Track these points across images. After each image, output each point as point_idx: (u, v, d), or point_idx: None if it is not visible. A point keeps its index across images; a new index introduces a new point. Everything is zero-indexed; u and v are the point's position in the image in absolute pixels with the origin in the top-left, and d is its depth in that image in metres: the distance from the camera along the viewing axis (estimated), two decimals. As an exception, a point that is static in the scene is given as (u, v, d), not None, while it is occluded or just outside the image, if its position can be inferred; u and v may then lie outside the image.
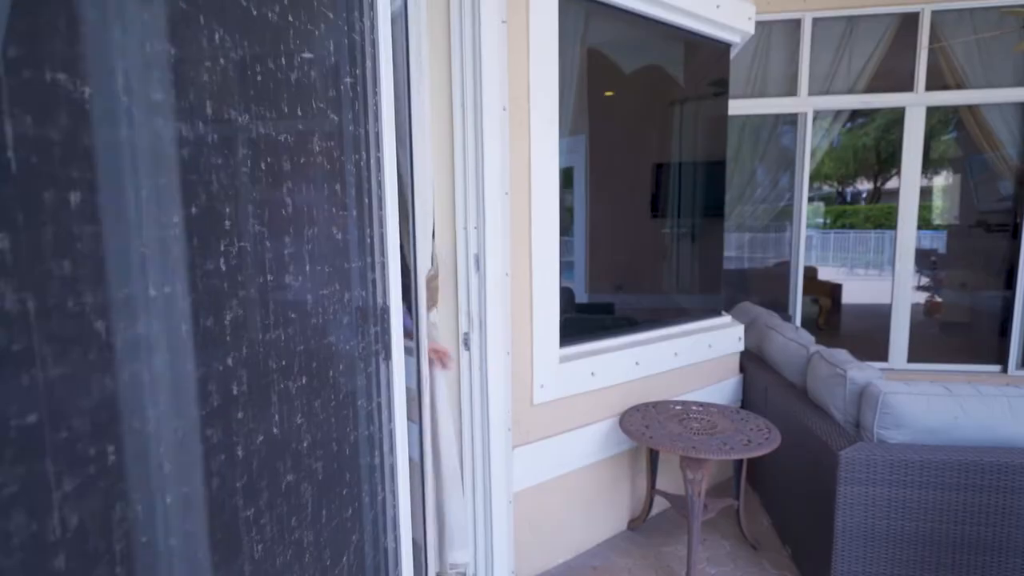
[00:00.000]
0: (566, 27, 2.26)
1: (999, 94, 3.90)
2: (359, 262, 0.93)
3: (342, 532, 0.85)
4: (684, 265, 3.25)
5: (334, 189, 0.82)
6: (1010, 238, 4.16)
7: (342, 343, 0.86)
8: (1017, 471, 1.82)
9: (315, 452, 0.76)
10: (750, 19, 2.79)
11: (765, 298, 4.62)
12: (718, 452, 2.08)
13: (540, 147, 2.09)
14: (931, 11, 3.85)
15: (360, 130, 0.94)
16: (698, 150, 3.11)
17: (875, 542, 1.93)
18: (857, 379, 2.16)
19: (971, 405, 1.97)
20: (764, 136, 4.36)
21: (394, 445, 1.08)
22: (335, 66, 0.81)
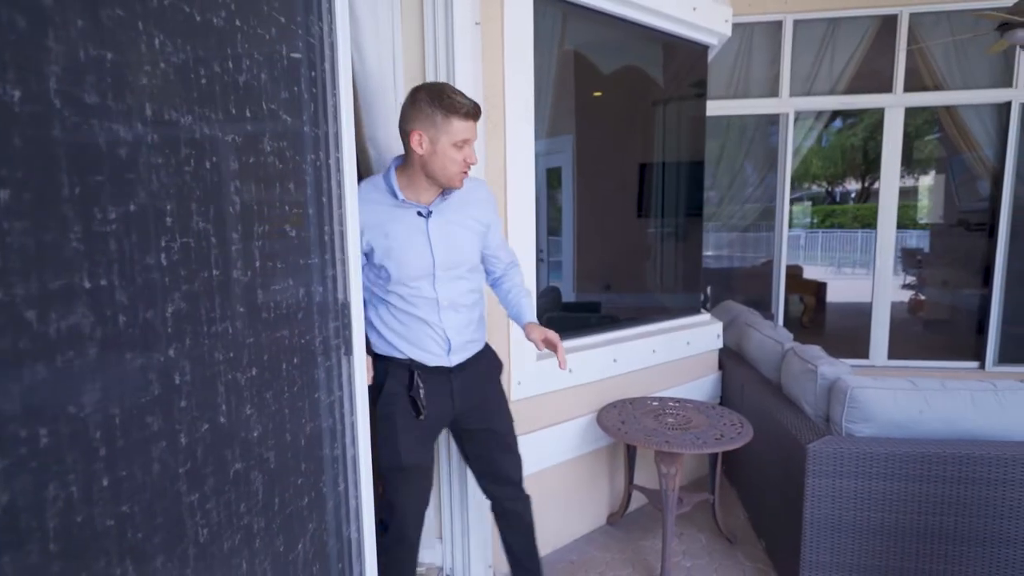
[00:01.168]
0: (543, 28, 2.29)
1: (975, 95, 3.97)
2: (317, 259, 0.96)
3: (297, 520, 0.88)
4: (663, 264, 3.29)
5: (287, 188, 0.85)
6: (987, 237, 4.23)
7: (298, 337, 0.88)
8: (978, 462, 1.87)
9: (267, 442, 0.79)
10: (727, 21, 2.84)
11: (750, 297, 4.67)
12: (691, 447, 2.12)
13: (516, 147, 2.12)
14: (909, 13, 3.92)
15: (318, 131, 0.96)
16: (676, 151, 3.15)
17: (842, 533, 1.97)
18: (827, 374, 2.21)
19: (936, 399, 2.02)
20: (748, 136, 4.42)
21: (356, 438, 1.10)
22: (288, 69, 0.84)
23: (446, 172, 1.39)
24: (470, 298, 1.55)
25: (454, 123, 1.34)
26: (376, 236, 1.43)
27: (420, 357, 1.50)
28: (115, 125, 0.52)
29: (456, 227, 1.49)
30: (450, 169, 1.39)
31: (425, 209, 1.45)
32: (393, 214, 1.43)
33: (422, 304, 1.48)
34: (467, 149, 1.38)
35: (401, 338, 1.50)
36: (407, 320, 1.48)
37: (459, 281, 1.51)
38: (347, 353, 1.07)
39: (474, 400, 1.60)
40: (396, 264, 1.43)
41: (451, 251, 1.48)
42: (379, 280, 1.49)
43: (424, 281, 1.46)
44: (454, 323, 1.51)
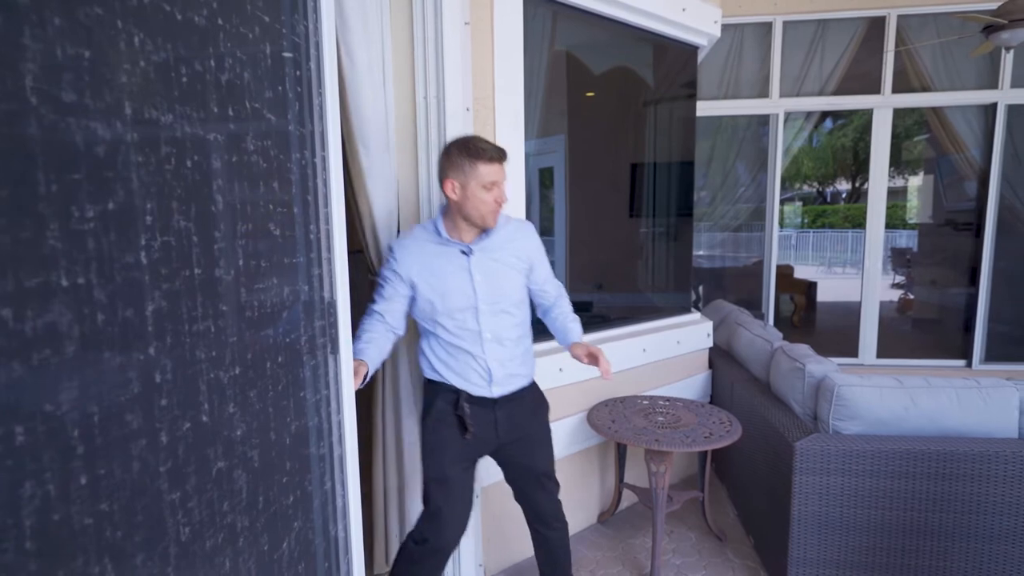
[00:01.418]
0: (533, 29, 2.30)
1: (961, 96, 4.01)
2: (303, 258, 0.96)
3: (282, 518, 0.88)
4: (654, 264, 3.30)
5: (272, 186, 0.85)
6: (974, 237, 4.28)
7: (282, 336, 0.88)
8: (961, 459, 1.89)
9: (250, 440, 0.79)
10: (716, 22, 2.85)
11: (741, 296, 4.70)
12: (680, 445, 2.13)
13: (506, 147, 2.11)
14: (897, 15, 3.96)
15: (303, 130, 0.96)
16: (667, 151, 3.16)
17: (829, 529, 1.99)
18: (815, 372, 2.23)
19: (921, 397, 2.04)
20: (739, 137, 4.44)
21: (343, 436, 1.10)
22: (272, 68, 0.84)
23: (479, 212, 1.51)
24: (515, 332, 1.62)
25: (480, 167, 1.47)
26: (422, 272, 1.56)
27: (464, 386, 1.60)
28: (93, 123, 0.52)
29: (499, 264, 1.59)
30: (482, 209, 1.50)
31: (467, 248, 1.57)
32: (438, 251, 1.56)
33: (467, 336, 1.57)
34: (496, 190, 1.50)
35: (447, 367, 1.60)
36: (453, 351, 1.59)
37: (503, 316, 1.59)
38: (333, 352, 1.07)
39: (517, 433, 1.67)
40: (440, 298, 1.55)
41: (493, 287, 1.57)
42: (426, 313, 1.59)
43: (468, 314, 1.56)
44: (498, 356, 1.59)
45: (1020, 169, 4.07)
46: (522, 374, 1.66)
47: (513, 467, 1.73)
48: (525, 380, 1.68)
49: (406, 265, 1.56)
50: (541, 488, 1.76)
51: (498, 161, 1.49)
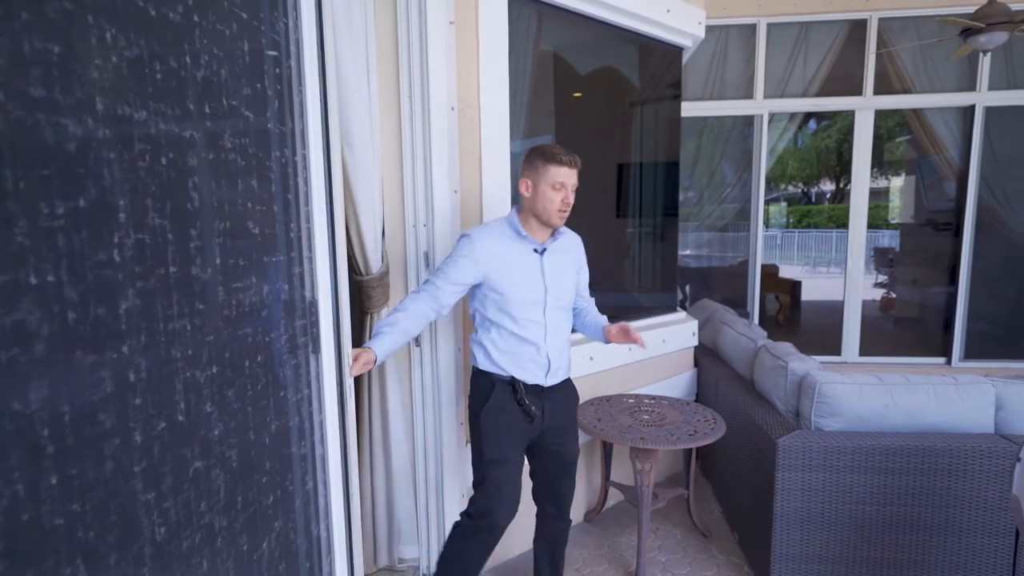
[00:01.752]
0: (518, 29, 2.30)
1: (941, 98, 4.08)
2: (283, 256, 0.95)
3: (262, 518, 0.87)
4: (641, 263, 3.32)
5: (251, 184, 0.84)
6: (954, 237, 4.35)
7: (261, 335, 0.88)
8: (939, 454, 1.92)
9: (228, 440, 0.78)
10: (700, 24, 2.88)
11: (727, 295, 4.74)
12: (665, 442, 2.15)
13: (491, 146, 2.13)
14: (878, 18, 4.01)
15: (284, 128, 0.96)
16: (653, 152, 3.18)
17: (811, 525, 2.02)
18: (797, 370, 2.25)
19: (900, 393, 2.08)
20: (725, 137, 4.48)
21: (324, 436, 1.10)
22: (250, 65, 0.84)
23: (547, 210, 1.63)
24: (568, 328, 1.80)
25: (551, 169, 1.60)
26: (497, 263, 1.66)
27: (521, 376, 1.71)
28: (63, 119, 0.52)
29: (563, 266, 1.75)
30: (549, 207, 1.63)
31: (540, 247, 1.70)
32: (513, 247, 1.68)
33: (533, 328, 1.69)
34: (563, 192, 1.62)
35: (507, 358, 1.70)
36: (516, 343, 1.69)
37: (562, 312, 1.75)
38: (315, 351, 1.06)
39: (557, 421, 1.79)
40: (513, 289, 1.66)
41: (558, 285, 1.72)
42: (494, 303, 1.69)
43: (536, 308, 1.69)
44: (556, 348, 1.73)
45: (997, 170, 4.14)
46: (567, 367, 1.82)
47: (548, 454, 1.82)
48: (568, 373, 1.83)
49: (482, 254, 1.65)
50: (567, 476, 1.87)
51: (567, 166, 1.60)
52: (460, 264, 1.64)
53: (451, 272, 1.64)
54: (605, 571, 2.35)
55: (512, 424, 1.72)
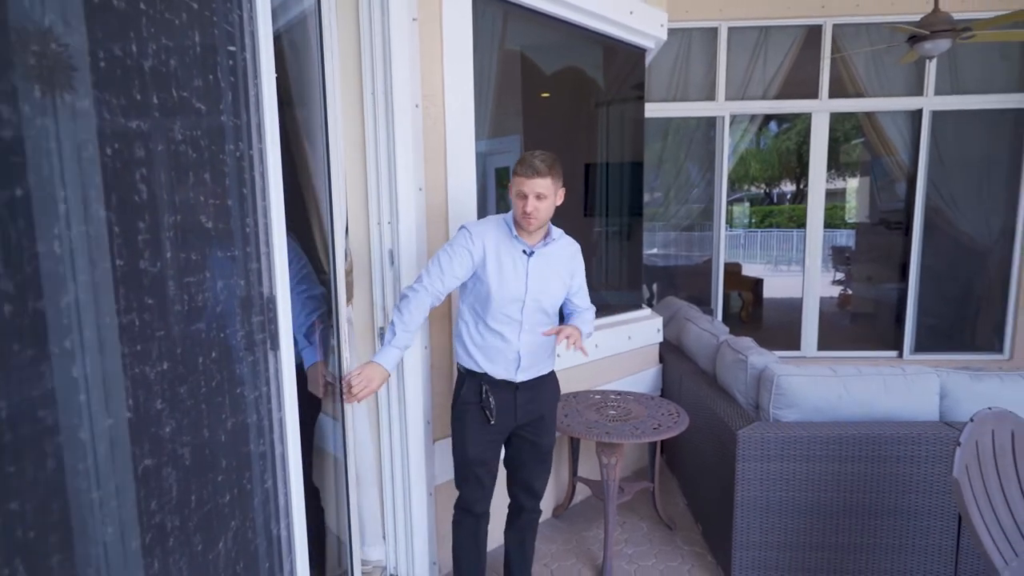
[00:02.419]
0: (483, 27, 2.30)
1: (891, 102, 4.25)
2: (238, 251, 0.94)
3: (218, 518, 0.86)
4: (608, 262, 3.36)
5: (203, 178, 0.83)
6: (904, 235, 4.54)
7: (216, 331, 0.86)
8: (888, 442, 2.01)
9: (181, 438, 0.77)
10: (662, 26, 2.93)
11: (692, 293, 4.83)
12: (629, 436, 2.18)
13: (456, 144, 2.13)
14: (832, 24, 4.16)
15: (239, 121, 0.94)
16: (618, 152, 3.23)
17: (770, 513, 2.08)
18: (756, 364, 2.32)
19: (853, 384, 2.16)
20: (688, 138, 4.57)
21: (284, 434, 1.09)
22: (202, 56, 0.82)
23: (516, 214, 1.72)
24: (546, 328, 1.82)
25: (514, 178, 1.70)
26: (491, 257, 1.74)
27: (490, 370, 1.77)
28: (-3, 106, 0.50)
29: (550, 271, 1.80)
30: (516, 214, 1.72)
31: (529, 249, 1.77)
32: (506, 244, 1.76)
33: (508, 324, 1.76)
34: (524, 201, 1.68)
35: (479, 350, 1.78)
36: (490, 336, 1.76)
37: (541, 314, 1.80)
38: (273, 348, 1.05)
39: (534, 415, 1.86)
40: (498, 282, 1.73)
41: (540, 288, 1.78)
42: (480, 295, 1.76)
43: (515, 305, 1.75)
44: (529, 345, 1.78)
45: (943, 172, 4.34)
46: (546, 363, 1.87)
47: (524, 445, 1.88)
48: (547, 369, 1.89)
49: (481, 245, 1.73)
50: (542, 463, 1.94)
51: (524, 175, 1.66)
52: (459, 255, 1.72)
53: (453, 262, 1.72)
54: (573, 565, 2.37)
55: (477, 425, 1.79)
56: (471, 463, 1.81)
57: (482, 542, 1.93)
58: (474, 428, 1.79)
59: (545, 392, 1.89)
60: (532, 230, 1.74)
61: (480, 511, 1.88)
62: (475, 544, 1.92)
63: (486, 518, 1.92)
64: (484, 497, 1.87)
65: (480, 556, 1.94)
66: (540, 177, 1.67)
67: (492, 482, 1.89)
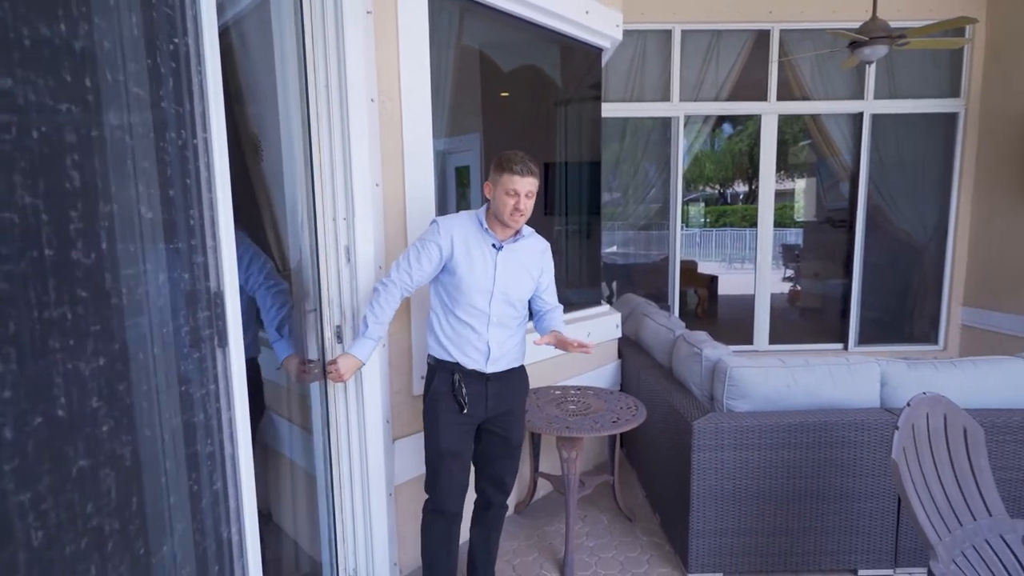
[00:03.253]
0: (440, 23, 2.29)
1: (834, 105, 4.44)
2: (182, 244, 0.90)
3: (161, 521, 0.82)
4: (568, 259, 3.39)
5: (141, 167, 0.79)
6: (848, 233, 4.75)
7: (158, 326, 0.83)
8: (834, 428, 2.10)
9: (120, 437, 0.73)
10: (618, 26, 2.98)
11: (650, 290, 4.93)
12: (589, 430, 2.21)
13: (414, 139, 2.11)
14: (780, 29, 4.32)
15: (181, 109, 0.91)
16: (577, 151, 3.26)
17: (724, 500, 2.14)
18: (711, 357, 2.38)
19: (801, 375, 2.25)
20: (645, 139, 4.65)
21: (234, 434, 1.05)
22: (139, 39, 0.79)
23: (501, 213, 1.75)
24: (514, 322, 1.87)
25: (504, 176, 1.72)
26: (461, 249, 1.78)
27: (462, 360, 1.81)
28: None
29: (519, 266, 1.85)
30: (503, 211, 1.74)
31: (499, 243, 1.81)
32: (477, 238, 1.80)
33: (477, 316, 1.80)
34: (516, 198, 1.73)
35: (450, 341, 1.81)
36: (460, 328, 1.80)
37: (508, 306, 1.84)
38: (221, 345, 1.01)
39: (504, 407, 1.89)
40: (467, 274, 1.77)
41: (509, 281, 1.82)
42: (451, 287, 1.80)
43: (483, 297, 1.79)
44: (498, 337, 1.82)
45: (883, 172, 4.57)
46: (515, 357, 1.90)
47: (494, 439, 1.91)
48: (516, 362, 1.91)
49: (449, 239, 1.77)
50: (511, 457, 1.97)
51: (519, 174, 1.71)
52: (427, 249, 1.77)
53: (421, 257, 1.77)
54: (535, 560, 2.38)
55: (450, 415, 1.81)
56: (444, 454, 1.81)
57: (454, 545, 1.92)
58: (447, 418, 1.81)
59: (515, 385, 1.92)
60: (518, 227, 1.80)
61: (453, 511, 1.87)
62: (447, 547, 1.90)
63: (459, 519, 1.91)
64: (458, 494, 1.87)
65: (452, 560, 1.92)
66: (532, 176, 1.74)
67: (466, 478, 1.89)
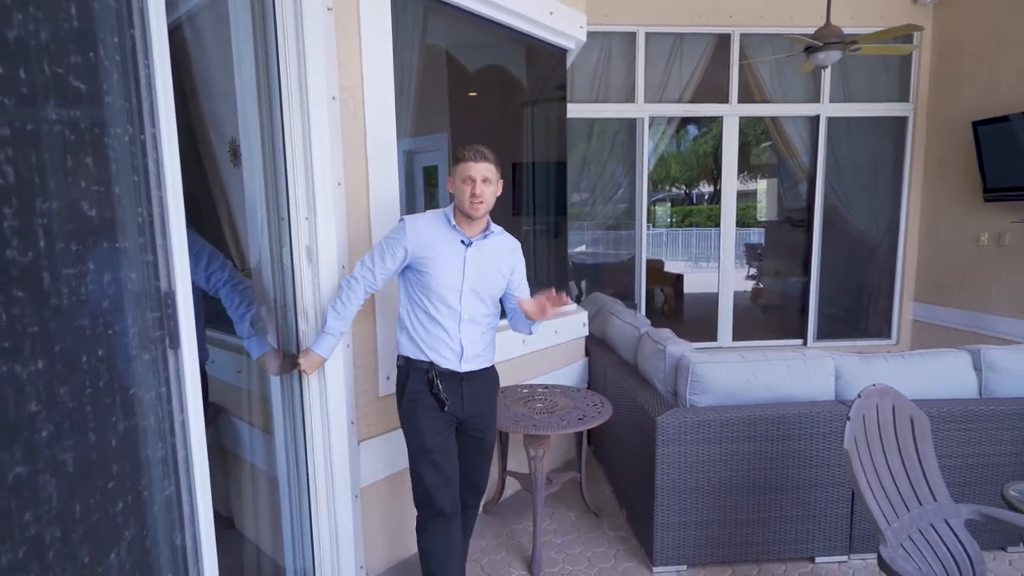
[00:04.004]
0: (404, 21, 2.28)
1: (792, 108, 4.58)
2: (129, 243, 0.88)
3: (107, 528, 0.80)
4: (536, 259, 3.41)
5: (83, 162, 0.77)
6: (806, 232, 4.90)
7: (102, 327, 0.80)
8: (791, 421, 2.16)
9: (61, 442, 0.71)
10: (582, 27, 3.01)
11: (618, 289, 4.99)
12: (556, 427, 2.23)
13: (377, 138, 2.09)
14: (740, 33, 4.43)
15: (128, 104, 0.88)
16: (544, 151, 3.28)
17: (687, 493, 2.19)
18: (674, 353, 2.43)
19: (760, 369, 2.31)
20: (612, 139, 4.71)
21: (188, 437, 1.03)
22: (80, 31, 0.76)
23: (462, 202, 1.75)
24: (486, 320, 1.86)
25: (459, 165, 1.75)
26: (428, 248, 1.77)
27: (436, 359, 1.79)
28: None
29: (487, 263, 1.84)
30: (463, 199, 1.74)
31: (468, 240, 1.80)
32: (445, 235, 1.80)
33: (448, 314, 1.79)
34: (472, 184, 1.72)
35: (423, 341, 1.79)
36: (431, 327, 1.79)
37: (479, 303, 1.83)
38: (173, 346, 0.99)
39: (479, 407, 1.88)
40: (437, 272, 1.77)
41: (479, 278, 1.81)
42: (421, 286, 1.79)
43: (453, 295, 1.78)
44: (470, 335, 1.81)
45: (839, 173, 4.73)
46: (487, 356, 1.89)
47: (469, 440, 1.90)
48: (488, 362, 1.90)
49: (415, 238, 1.76)
50: (485, 459, 1.97)
51: (471, 160, 1.72)
52: (392, 248, 1.78)
53: (385, 255, 1.78)
54: (503, 559, 2.39)
55: (430, 413, 1.79)
56: (432, 451, 1.78)
57: (456, 545, 1.83)
58: (428, 416, 1.79)
59: (487, 385, 1.91)
60: (479, 216, 1.77)
61: (451, 510, 1.80)
62: (448, 549, 1.81)
63: (457, 519, 1.83)
64: (452, 490, 1.81)
65: (457, 562, 1.84)
66: (487, 161, 1.74)
67: (456, 473, 1.84)
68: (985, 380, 2.36)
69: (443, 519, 1.80)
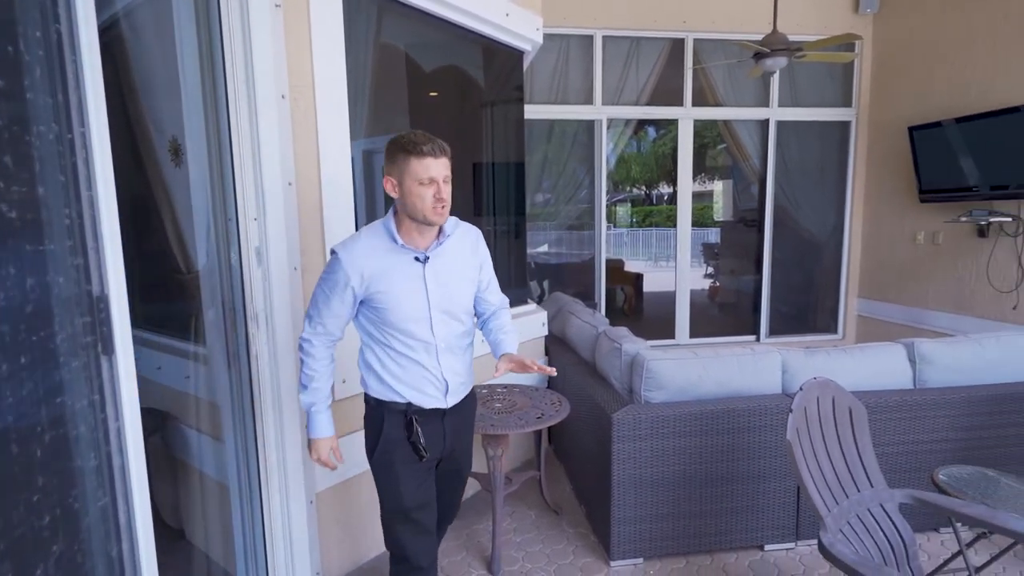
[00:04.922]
0: (358, 20, 2.25)
1: (744, 112, 4.73)
2: (55, 245, 0.84)
3: (33, 542, 0.77)
4: (495, 259, 3.42)
5: (2, 162, 0.74)
6: (758, 232, 5.07)
7: (25, 334, 0.77)
8: (740, 414, 2.24)
9: (-22, 454, 0.68)
10: (538, 30, 3.04)
11: (579, 289, 5.05)
12: (514, 426, 2.24)
13: (329, 136, 2.06)
14: (693, 38, 4.55)
15: (53, 100, 0.85)
16: (503, 152, 3.30)
17: (643, 487, 2.24)
18: (630, 351, 2.48)
19: (711, 365, 2.38)
20: (571, 141, 4.76)
21: (124, 445, 0.99)
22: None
23: (420, 210, 1.43)
24: (464, 340, 1.61)
25: (412, 162, 1.40)
26: (374, 279, 1.46)
27: (418, 400, 1.54)
28: None
29: (452, 272, 1.55)
30: (421, 206, 1.42)
31: (423, 255, 1.50)
32: (391, 257, 1.48)
33: (420, 348, 1.52)
34: (434, 186, 1.42)
35: (400, 381, 1.53)
36: (406, 363, 1.52)
37: (454, 322, 1.56)
38: (106, 352, 0.95)
39: (461, 441, 1.69)
40: (396, 305, 1.47)
41: (446, 296, 1.53)
42: (379, 322, 1.51)
43: (422, 324, 1.50)
44: (451, 366, 1.57)
45: (788, 175, 4.91)
46: (469, 382, 1.67)
47: (446, 475, 1.71)
48: (471, 383, 1.69)
49: (359, 272, 1.45)
50: (461, 485, 1.82)
51: (432, 156, 1.41)
52: (335, 289, 1.47)
53: (331, 304, 1.48)
54: (463, 559, 2.39)
55: (408, 464, 1.55)
56: (410, 511, 1.55)
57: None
58: (406, 469, 1.54)
59: (469, 410, 1.72)
60: (442, 223, 1.49)
61: (428, 564, 1.61)
62: None
63: (434, 569, 1.66)
64: (430, 545, 1.64)
65: None
66: (446, 156, 1.44)
67: (435, 524, 1.66)
68: (919, 371, 2.49)
69: (421, 574, 1.61)
